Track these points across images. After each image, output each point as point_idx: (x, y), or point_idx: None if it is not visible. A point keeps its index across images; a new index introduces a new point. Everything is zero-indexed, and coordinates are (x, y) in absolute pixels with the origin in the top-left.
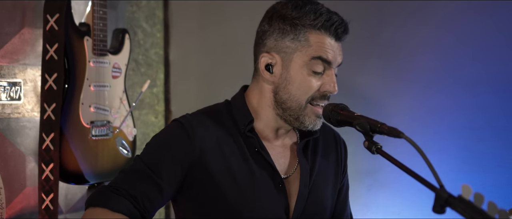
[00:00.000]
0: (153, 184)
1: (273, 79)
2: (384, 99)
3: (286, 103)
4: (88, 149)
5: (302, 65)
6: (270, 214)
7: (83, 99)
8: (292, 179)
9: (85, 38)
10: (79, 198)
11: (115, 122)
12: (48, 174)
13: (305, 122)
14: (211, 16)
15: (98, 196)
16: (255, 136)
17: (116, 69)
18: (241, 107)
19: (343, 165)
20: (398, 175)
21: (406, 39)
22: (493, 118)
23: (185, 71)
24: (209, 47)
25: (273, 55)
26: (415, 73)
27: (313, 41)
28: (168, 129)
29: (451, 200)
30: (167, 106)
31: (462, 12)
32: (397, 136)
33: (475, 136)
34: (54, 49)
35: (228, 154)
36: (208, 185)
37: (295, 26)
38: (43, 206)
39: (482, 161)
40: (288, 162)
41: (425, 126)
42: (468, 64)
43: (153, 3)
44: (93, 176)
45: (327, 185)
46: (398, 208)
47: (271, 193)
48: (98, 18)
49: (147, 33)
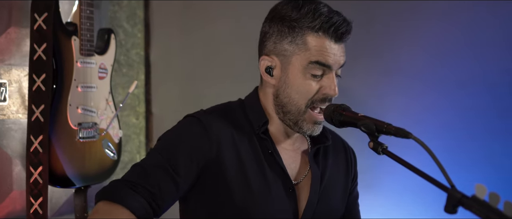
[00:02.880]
0: (170, 180)
1: (273, 82)
2: (372, 99)
3: (286, 107)
4: (75, 151)
5: (300, 68)
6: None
7: (71, 101)
8: (303, 185)
9: (72, 38)
10: (64, 202)
11: (102, 124)
12: (37, 177)
13: (303, 128)
14: (192, 16)
15: (113, 190)
16: (268, 137)
17: (102, 69)
18: (255, 107)
19: (353, 172)
20: (385, 176)
21: (394, 38)
22: (482, 117)
23: (167, 72)
24: (191, 48)
25: (272, 58)
26: (403, 72)
27: (311, 44)
28: (185, 125)
29: (464, 200)
30: (148, 108)
31: (452, 11)
32: (405, 136)
33: (464, 135)
34: (42, 49)
35: (243, 153)
36: (220, 183)
37: (293, 29)
38: (31, 210)
39: (472, 160)
40: (299, 167)
41: (413, 124)
42: (457, 63)
43: (134, 3)
44: (80, 179)
45: (336, 192)
46: (385, 208)
47: (281, 198)
48: (85, 18)
49: (128, 33)
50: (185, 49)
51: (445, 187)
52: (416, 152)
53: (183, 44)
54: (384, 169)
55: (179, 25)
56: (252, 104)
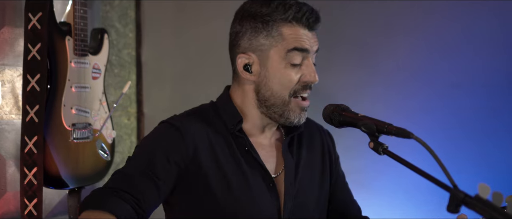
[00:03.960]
0: (152, 184)
1: (253, 79)
2: (357, 102)
3: (270, 101)
4: (69, 152)
5: (279, 60)
6: (263, 215)
7: (65, 101)
8: (281, 177)
9: (66, 38)
10: (57, 203)
11: (95, 124)
12: (31, 178)
13: (291, 117)
14: (184, 17)
15: (96, 198)
16: (244, 135)
17: (96, 70)
18: (228, 107)
19: (331, 154)
20: (377, 175)
21: (387, 38)
22: (476, 116)
23: (158, 73)
24: (182, 48)
25: (249, 55)
26: (388, 75)
27: (286, 34)
28: (160, 130)
29: (467, 199)
30: (140, 108)
31: (447, 11)
32: (406, 136)
33: (458, 134)
34: (37, 49)
35: (220, 153)
36: (201, 185)
37: (266, 23)
38: (26, 212)
39: (454, 161)
40: (276, 160)
41: (406, 125)
42: (450, 63)
43: (125, 3)
44: (74, 180)
45: (314, 177)
46: (377, 208)
47: (263, 194)
48: (79, 17)
49: (120, 33)
50: (176, 49)
51: (447, 187)
52: (413, 152)
53: (174, 45)
54: (376, 168)
55: (171, 25)
56: (224, 105)
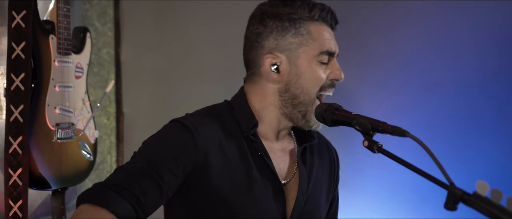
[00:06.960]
0: (155, 186)
1: (281, 78)
2: (341, 100)
3: (299, 98)
4: (52, 152)
5: (310, 58)
6: (266, 216)
7: (49, 101)
8: (291, 185)
9: (50, 36)
10: (39, 204)
11: (78, 124)
12: (16, 179)
13: (310, 121)
14: (164, 16)
15: (96, 193)
16: (258, 139)
17: (78, 69)
18: (244, 109)
19: (336, 174)
20: (356, 174)
21: (364, 40)
22: (452, 117)
23: (138, 72)
24: (162, 47)
25: (276, 55)
26: (372, 73)
27: (315, 33)
28: (170, 129)
29: (465, 197)
30: (119, 108)
31: (422, 12)
32: (402, 134)
33: (433, 134)
34: (21, 47)
35: (231, 157)
36: (207, 188)
37: (293, 21)
38: (10, 214)
39: (442, 160)
40: (287, 167)
41: None
42: (426, 64)
43: (104, 2)
44: (57, 181)
45: (322, 192)
46: (357, 207)
47: (269, 199)
48: (63, 16)
49: (99, 32)
50: (156, 48)
51: (444, 185)
52: (402, 150)
53: (154, 44)
54: (358, 167)
55: (150, 24)
56: (239, 105)
